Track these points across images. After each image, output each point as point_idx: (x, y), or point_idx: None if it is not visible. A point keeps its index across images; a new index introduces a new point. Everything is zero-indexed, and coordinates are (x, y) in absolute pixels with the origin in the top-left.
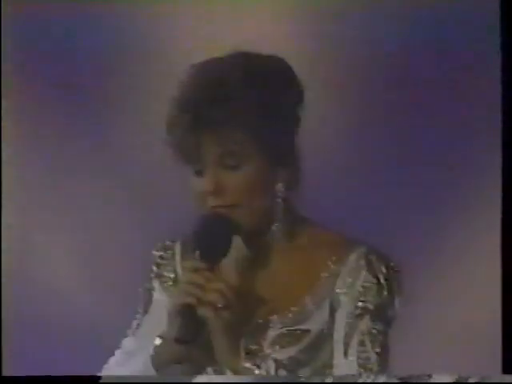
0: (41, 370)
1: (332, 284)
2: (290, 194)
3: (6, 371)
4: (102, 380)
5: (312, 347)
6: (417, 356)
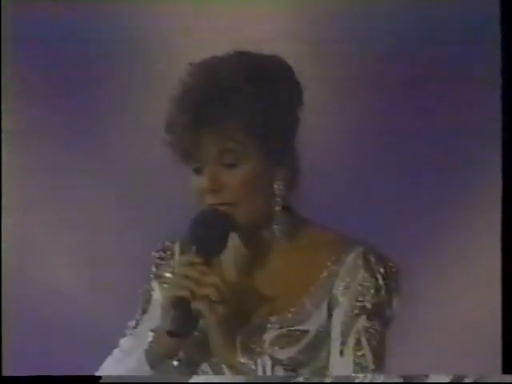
0: (41, 370)
1: (331, 284)
2: (290, 194)
3: (6, 371)
4: (102, 380)
5: (311, 348)
6: (417, 356)
